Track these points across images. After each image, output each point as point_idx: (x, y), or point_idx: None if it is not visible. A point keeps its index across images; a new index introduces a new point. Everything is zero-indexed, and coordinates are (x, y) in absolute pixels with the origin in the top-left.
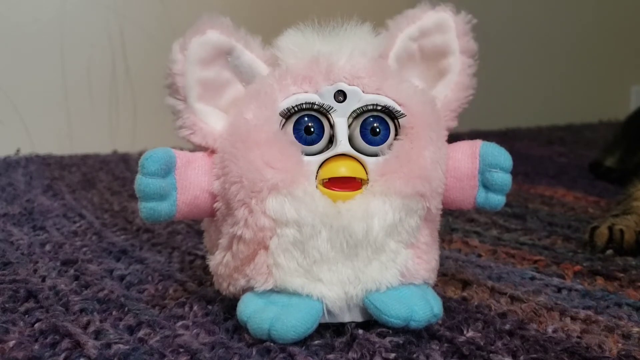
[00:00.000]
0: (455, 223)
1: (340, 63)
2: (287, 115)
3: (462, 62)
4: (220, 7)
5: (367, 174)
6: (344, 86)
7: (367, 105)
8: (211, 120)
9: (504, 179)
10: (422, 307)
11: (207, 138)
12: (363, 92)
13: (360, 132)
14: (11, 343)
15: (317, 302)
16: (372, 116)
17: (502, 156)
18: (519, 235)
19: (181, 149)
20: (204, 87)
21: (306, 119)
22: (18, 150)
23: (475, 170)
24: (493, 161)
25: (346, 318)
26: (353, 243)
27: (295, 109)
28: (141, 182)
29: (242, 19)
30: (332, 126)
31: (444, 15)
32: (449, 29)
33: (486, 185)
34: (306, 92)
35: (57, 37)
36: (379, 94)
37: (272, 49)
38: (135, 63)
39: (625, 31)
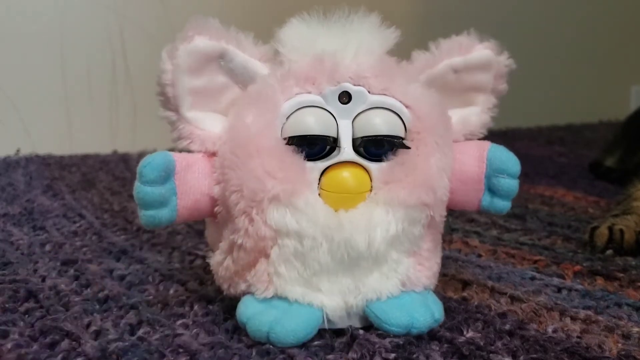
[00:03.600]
0: (455, 223)
1: (346, 62)
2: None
3: (490, 101)
4: (220, 8)
5: (371, 179)
6: (349, 87)
7: (372, 108)
8: (207, 124)
9: (510, 185)
10: (423, 313)
11: (205, 143)
12: (369, 92)
13: None
14: (9, 344)
15: (318, 310)
16: None
17: (510, 161)
18: (519, 235)
19: (180, 151)
20: (197, 95)
21: None
22: (18, 150)
23: (481, 174)
24: (501, 166)
25: (346, 325)
26: (355, 255)
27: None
28: (140, 190)
29: (242, 19)
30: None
31: (490, 55)
32: (491, 69)
33: (492, 190)
34: (309, 93)
35: (57, 37)
36: (385, 95)
37: (274, 42)
38: (135, 63)
39: (625, 31)
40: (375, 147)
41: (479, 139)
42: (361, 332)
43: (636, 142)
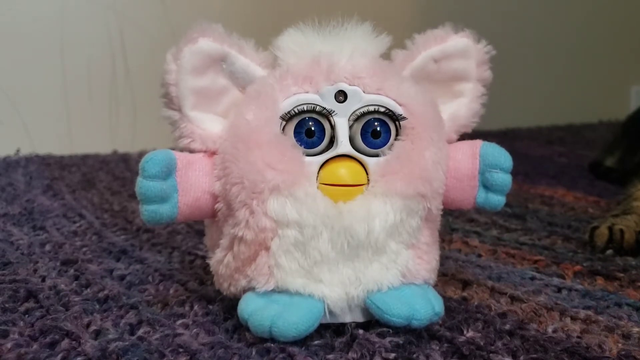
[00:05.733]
0: (455, 223)
1: (341, 63)
2: (287, 118)
3: (477, 90)
4: (220, 8)
5: (367, 174)
6: (344, 86)
7: (367, 106)
8: (208, 125)
9: (504, 179)
10: (424, 305)
11: (206, 142)
12: (364, 92)
13: (361, 134)
14: (9, 344)
15: (319, 302)
16: (373, 118)
17: (502, 156)
18: (519, 235)
19: (181, 150)
20: (199, 95)
21: (307, 120)
22: (18, 150)
23: (475, 170)
24: (493, 161)
25: (347, 318)
26: (354, 244)
27: (296, 111)
28: (142, 185)
29: (242, 19)
30: (332, 127)
31: (467, 42)
32: (470, 56)
33: (486, 186)
34: (307, 92)
35: (57, 37)
36: (379, 94)
37: (272, 49)
38: (135, 63)
39: (625, 31)
40: (373, 135)
41: (472, 140)
42: (361, 331)
43: (636, 142)
